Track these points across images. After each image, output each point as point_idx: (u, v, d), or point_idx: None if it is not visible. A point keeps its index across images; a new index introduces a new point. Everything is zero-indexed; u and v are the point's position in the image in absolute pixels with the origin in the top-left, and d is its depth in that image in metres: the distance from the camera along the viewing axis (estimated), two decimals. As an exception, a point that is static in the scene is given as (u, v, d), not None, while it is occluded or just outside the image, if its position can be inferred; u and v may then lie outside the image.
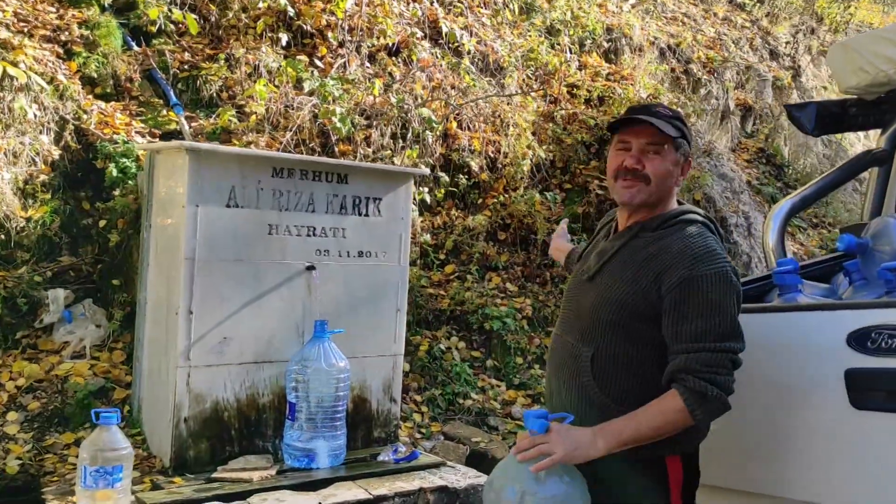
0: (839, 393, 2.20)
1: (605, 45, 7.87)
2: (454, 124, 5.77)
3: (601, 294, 2.16)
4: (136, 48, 5.00)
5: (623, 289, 2.12)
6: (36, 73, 4.31)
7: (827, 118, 3.50)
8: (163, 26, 5.08)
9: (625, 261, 2.17)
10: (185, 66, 5.10)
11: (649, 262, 2.11)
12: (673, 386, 2.02)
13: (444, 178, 5.56)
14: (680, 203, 2.28)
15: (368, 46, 5.73)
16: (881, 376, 2.12)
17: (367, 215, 3.78)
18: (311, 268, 3.59)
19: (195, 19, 5.01)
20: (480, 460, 4.19)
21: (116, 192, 4.12)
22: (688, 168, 2.24)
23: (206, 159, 3.33)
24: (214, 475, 3.24)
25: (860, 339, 2.16)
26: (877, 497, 2.13)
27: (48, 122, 4.30)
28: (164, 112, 4.74)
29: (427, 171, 4.96)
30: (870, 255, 2.91)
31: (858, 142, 10.32)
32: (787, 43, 11.22)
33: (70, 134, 4.35)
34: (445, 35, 6.20)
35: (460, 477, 3.46)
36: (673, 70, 8.52)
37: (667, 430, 2.01)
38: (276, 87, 5.01)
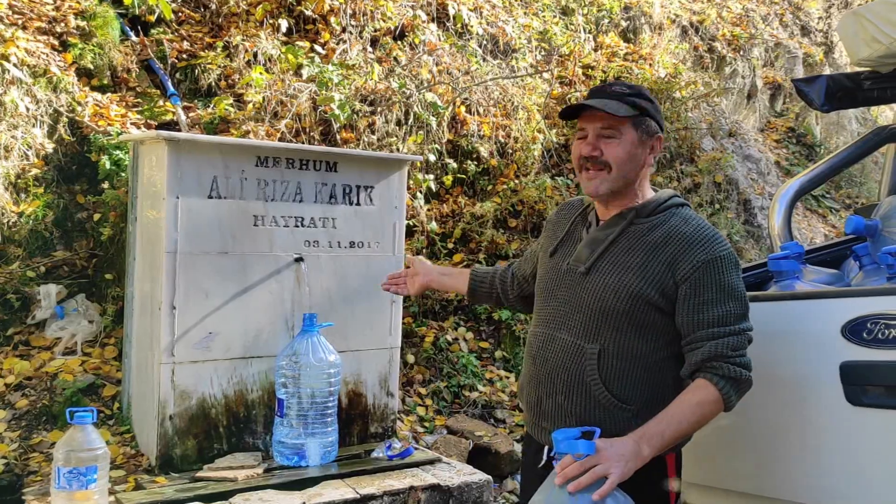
0: (834, 388, 2.04)
1: (623, 24, 7.64)
2: (462, 109, 5.62)
3: (606, 285, 2.04)
4: (133, 38, 4.92)
5: (631, 277, 2.01)
6: (28, 65, 4.25)
7: (838, 92, 3.27)
8: (161, 15, 5.00)
9: (627, 249, 2.06)
10: (184, 56, 5.01)
11: (658, 248, 2.02)
12: (702, 376, 1.94)
13: (452, 164, 5.41)
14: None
15: (371, 31, 5.59)
16: (879, 370, 1.95)
17: (358, 204, 3.66)
18: (299, 259, 3.49)
19: (193, 9, 4.93)
20: (483, 455, 4.06)
21: (105, 185, 4.05)
22: (659, 145, 2.12)
23: (186, 149, 3.23)
24: (199, 474, 3.15)
25: (855, 330, 1.99)
26: (875, 501, 1.96)
27: (41, 115, 4.24)
28: (161, 103, 4.65)
29: (420, 157, 4.80)
30: (880, 237, 2.73)
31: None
32: (819, 18, 10.83)
33: (64, 127, 4.28)
34: (453, 17, 6.03)
35: (454, 474, 3.34)
36: (696, 48, 8.26)
37: (703, 422, 1.95)
38: (273, 74, 4.90)
